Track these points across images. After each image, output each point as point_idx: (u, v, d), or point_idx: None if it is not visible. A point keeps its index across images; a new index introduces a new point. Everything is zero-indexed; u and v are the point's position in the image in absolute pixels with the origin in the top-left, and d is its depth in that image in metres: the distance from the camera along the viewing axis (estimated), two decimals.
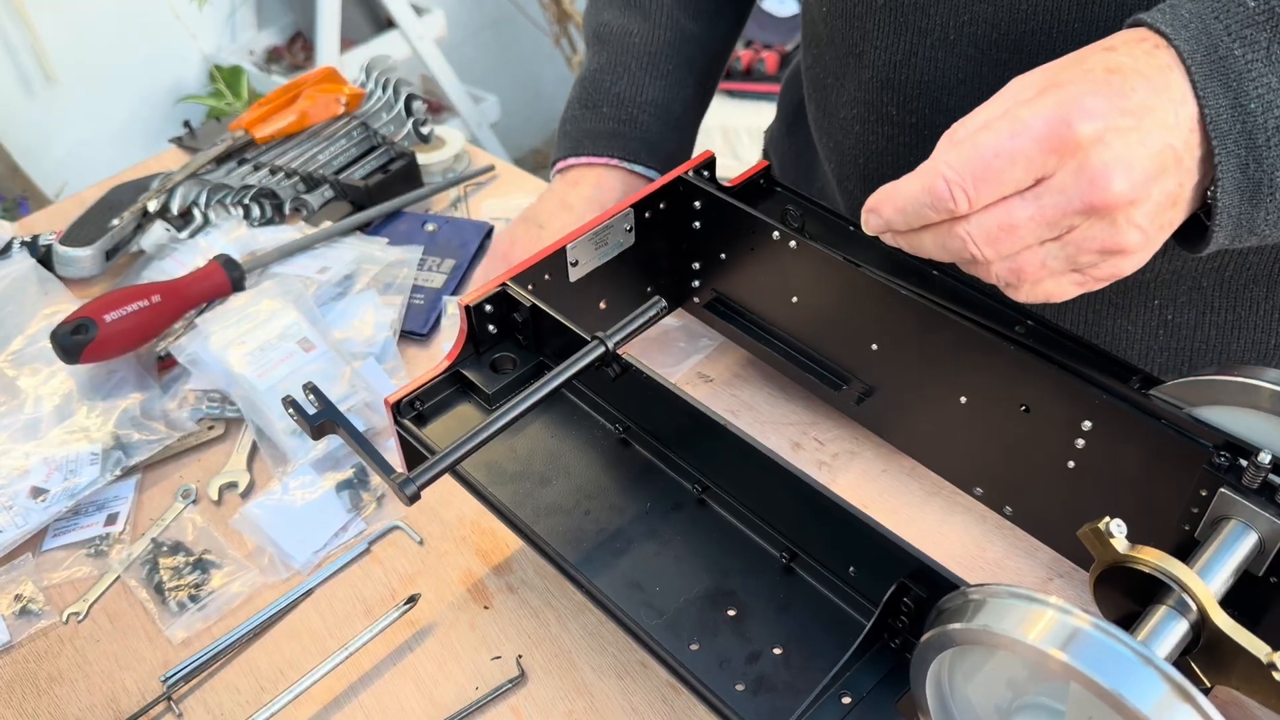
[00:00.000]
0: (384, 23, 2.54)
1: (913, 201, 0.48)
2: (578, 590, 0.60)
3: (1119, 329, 0.72)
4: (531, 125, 2.99)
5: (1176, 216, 0.48)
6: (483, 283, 0.67)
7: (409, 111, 1.11)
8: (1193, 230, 0.50)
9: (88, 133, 2.22)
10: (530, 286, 0.68)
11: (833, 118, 0.78)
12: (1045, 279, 0.49)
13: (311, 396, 0.57)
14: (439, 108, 2.60)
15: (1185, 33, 0.46)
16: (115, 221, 1.00)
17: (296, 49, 2.52)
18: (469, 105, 2.57)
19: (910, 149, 0.71)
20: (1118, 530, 0.50)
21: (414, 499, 0.53)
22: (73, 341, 0.83)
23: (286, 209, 1.05)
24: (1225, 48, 0.45)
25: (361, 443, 0.55)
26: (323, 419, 0.56)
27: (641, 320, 0.61)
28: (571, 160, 0.83)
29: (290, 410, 0.56)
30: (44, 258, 1.01)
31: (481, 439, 0.55)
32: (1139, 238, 0.47)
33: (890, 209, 0.50)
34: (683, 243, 0.78)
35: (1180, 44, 0.46)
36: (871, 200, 0.51)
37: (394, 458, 0.69)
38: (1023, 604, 0.43)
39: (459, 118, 2.57)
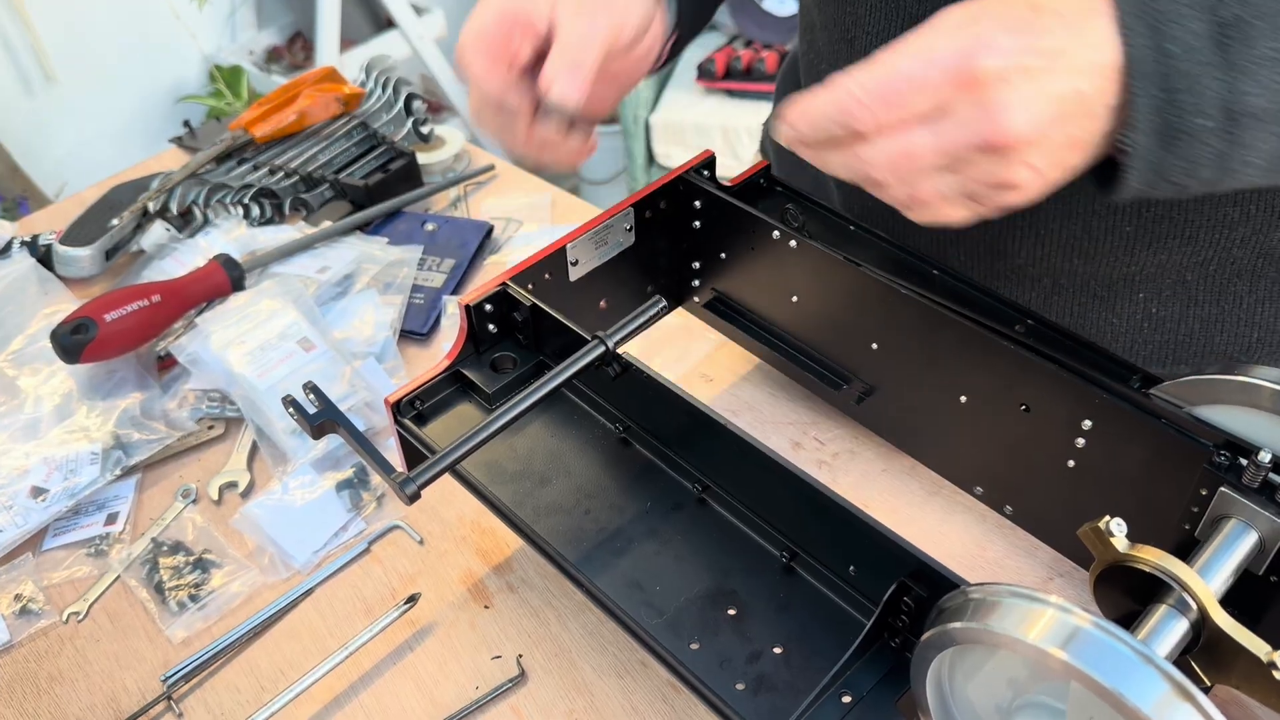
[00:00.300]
0: (384, 22, 2.54)
1: (822, 116, 0.49)
2: (578, 590, 0.60)
3: (1104, 322, 0.72)
4: None
5: (1077, 159, 0.48)
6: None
7: (409, 111, 1.11)
8: (1108, 174, 0.50)
9: (88, 132, 2.23)
10: (530, 286, 0.68)
11: None
12: (941, 205, 0.50)
13: (311, 396, 0.57)
14: (439, 107, 2.60)
15: None
16: (115, 221, 1.00)
17: (296, 49, 2.53)
18: (468, 105, 2.57)
19: None
20: (1118, 529, 0.50)
21: (414, 498, 0.53)
22: (73, 341, 0.83)
23: (286, 208, 1.05)
24: None
25: (361, 442, 0.55)
26: (323, 418, 0.56)
27: (641, 320, 0.61)
28: None
29: (290, 410, 0.56)
30: (44, 257, 1.01)
31: (481, 438, 0.55)
32: (1031, 176, 0.47)
33: (802, 121, 0.50)
34: (683, 242, 0.78)
35: None
36: (785, 110, 0.51)
37: (394, 457, 0.69)
38: (1023, 603, 0.43)
39: (459, 117, 2.57)
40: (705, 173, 0.75)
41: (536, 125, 0.64)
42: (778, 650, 0.54)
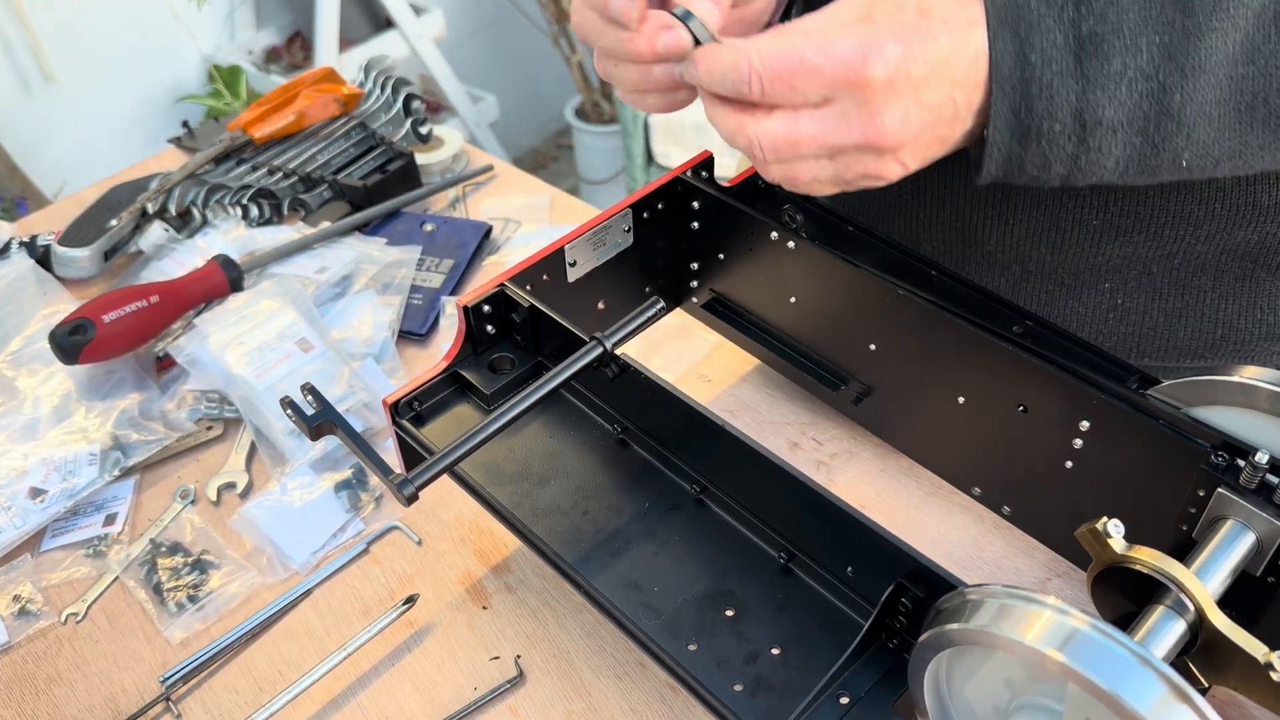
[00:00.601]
0: (383, 22, 2.54)
1: (720, 72, 0.51)
2: (576, 591, 0.60)
3: (1070, 310, 0.73)
4: (530, 125, 3.00)
5: (941, 153, 0.52)
6: None
7: (408, 111, 1.11)
8: (972, 156, 0.54)
9: (86, 132, 2.22)
10: (528, 287, 0.68)
11: None
12: (812, 185, 0.53)
13: (309, 397, 0.57)
14: (438, 107, 2.60)
15: None
16: (114, 222, 1.00)
17: (295, 48, 2.52)
18: (468, 105, 2.57)
19: None
20: (1115, 530, 0.50)
21: (412, 500, 0.53)
22: (71, 342, 0.83)
23: (285, 209, 1.05)
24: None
25: (359, 443, 0.55)
26: (321, 420, 0.56)
27: (640, 320, 0.61)
28: None
29: (288, 411, 0.56)
30: (43, 258, 1.01)
31: (479, 440, 0.55)
32: (900, 170, 0.51)
33: (704, 68, 0.52)
34: (681, 243, 0.78)
35: None
36: (697, 52, 0.53)
37: (392, 458, 0.69)
38: (1020, 604, 0.43)
39: (458, 117, 2.57)
40: (704, 173, 0.75)
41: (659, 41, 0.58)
42: (775, 651, 0.54)
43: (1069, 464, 0.62)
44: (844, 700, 0.51)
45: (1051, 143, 0.50)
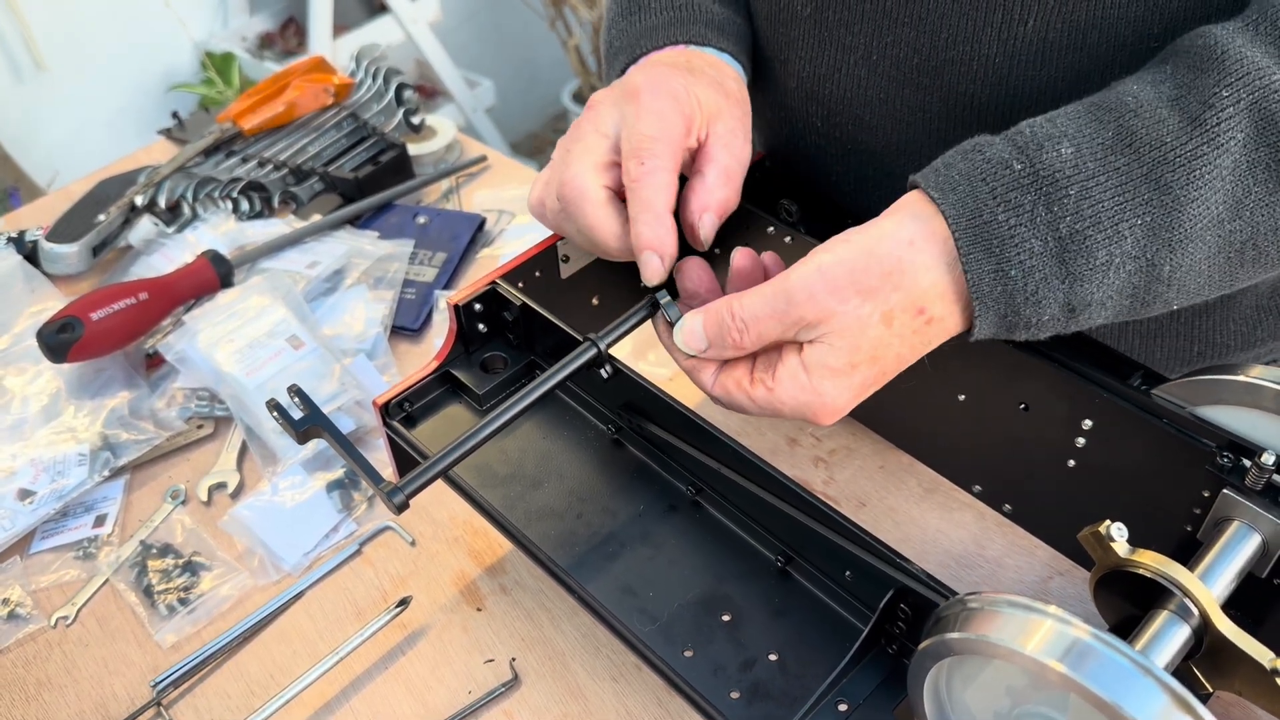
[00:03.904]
0: (377, 7, 2.51)
1: (681, 361, 0.56)
2: (571, 595, 0.59)
3: None
4: (527, 110, 2.97)
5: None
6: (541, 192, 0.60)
7: (400, 101, 1.10)
8: None
9: (79, 121, 2.21)
10: (520, 284, 0.67)
11: (759, 117, 0.77)
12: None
13: (296, 399, 0.56)
14: (434, 92, 2.58)
15: (953, 196, 0.48)
16: (102, 217, 0.99)
17: (289, 34, 2.50)
18: (464, 90, 2.55)
19: (835, 160, 0.71)
20: (1118, 534, 0.49)
21: (402, 509, 0.52)
22: (59, 340, 0.82)
23: (275, 202, 1.04)
24: (990, 212, 0.47)
25: (348, 448, 0.53)
26: (308, 424, 0.55)
27: (634, 319, 0.60)
28: (632, 69, 0.65)
29: (275, 414, 0.55)
30: (30, 254, 0.99)
31: (470, 446, 0.54)
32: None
33: (677, 342, 0.55)
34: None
35: (946, 209, 0.48)
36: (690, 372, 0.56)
37: (384, 459, 0.68)
38: (1021, 613, 0.42)
39: (454, 102, 2.55)
40: None
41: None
42: (773, 657, 0.53)
43: (1071, 463, 0.61)
44: (842, 707, 0.51)
45: (1040, 329, 0.50)
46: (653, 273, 0.55)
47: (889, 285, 0.49)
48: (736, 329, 0.51)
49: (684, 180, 0.58)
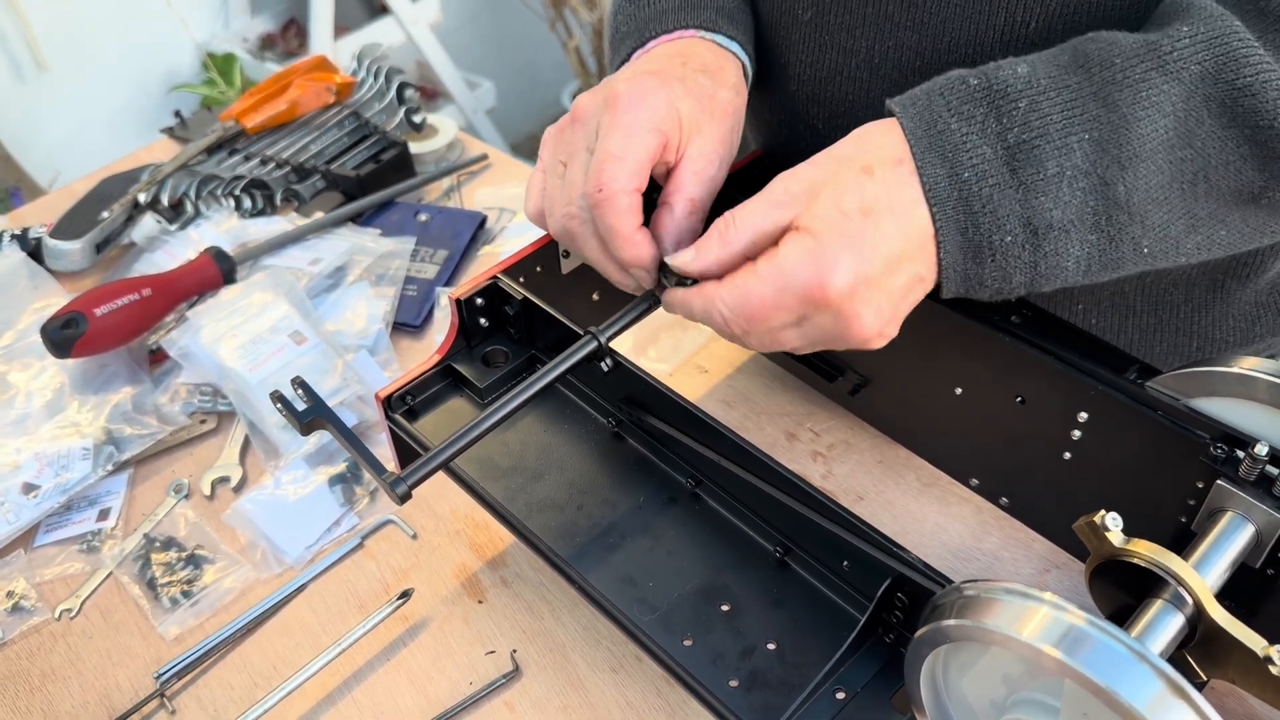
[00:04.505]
0: (378, 8, 2.52)
1: (692, 314, 0.54)
2: (571, 586, 0.59)
3: None
4: (528, 111, 2.98)
5: (910, 305, 0.53)
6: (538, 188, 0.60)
7: (401, 100, 1.10)
8: None
9: (80, 121, 2.21)
10: (521, 279, 0.67)
11: (759, 117, 0.78)
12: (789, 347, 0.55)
13: (300, 392, 0.56)
14: (434, 94, 2.59)
15: (912, 110, 0.51)
16: (105, 214, 1.00)
17: (290, 35, 2.51)
18: (464, 91, 2.55)
19: None
20: (1113, 524, 0.50)
21: (405, 499, 0.52)
22: (63, 336, 0.83)
23: (278, 200, 1.04)
24: (944, 123, 0.50)
25: (351, 440, 0.54)
26: (312, 416, 0.55)
27: (634, 313, 0.60)
28: (639, 54, 0.65)
29: (279, 406, 0.56)
30: (34, 251, 1.00)
31: (472, 438, 0.54)
32: (885, 341, 0.53)
33: (679, 307, 0.55)
34: None
35: (905, 121, 0.50)
36: (667, 297, 0.56)
37: (386, 452, 0.69)
38: (1017, 600, 0.42)
39: (454, 104, 2.55)
40: None
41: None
42: (771, 646, 0.54)
43: (1067, 455, 0.61)
44: (840, 695, 0.51)
45: (1006, 255, 0.50)
46: (642, 283, 0.57)
47: (860, 148, 0.51)
48: (724, 224, 0.51)
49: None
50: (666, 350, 0.85)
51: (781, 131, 0.76)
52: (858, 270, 0.49)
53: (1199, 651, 0.49)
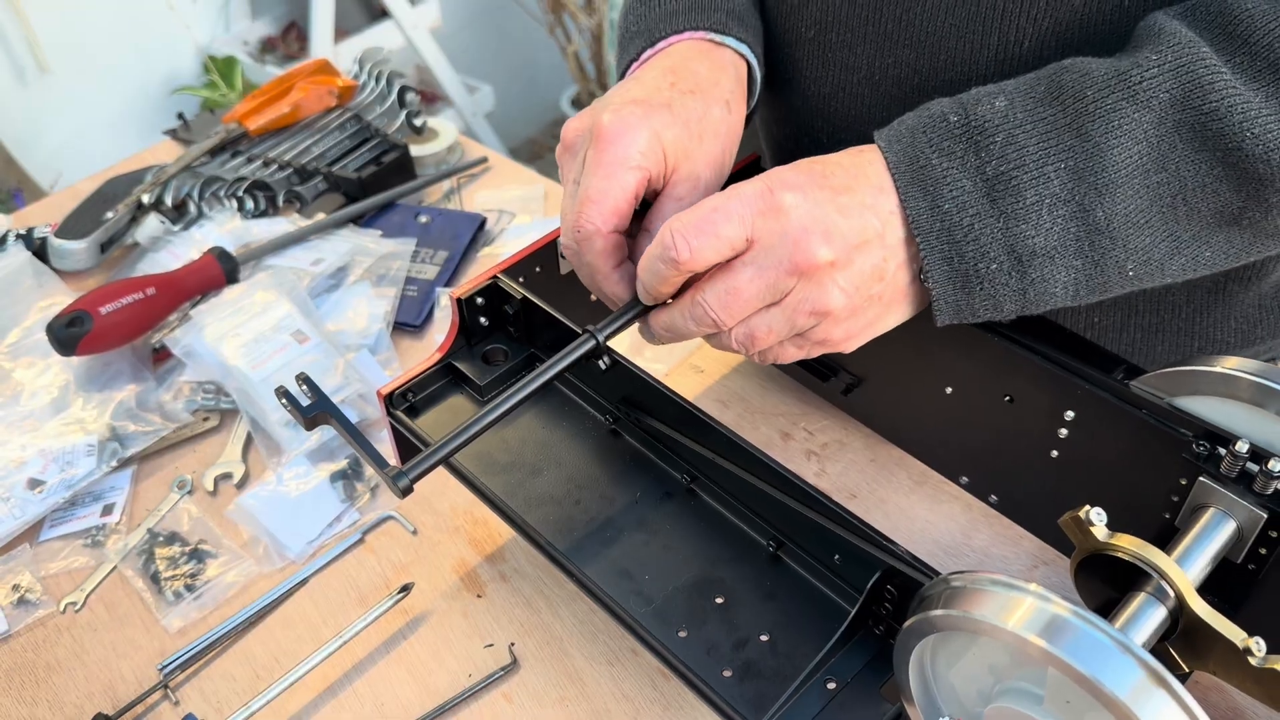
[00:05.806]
0: (378, 12, 2.54)
1: (652, 257, 0.53)
2: (569, 579, 0.61)
3: None
4: (527, 115, 2.99)
5: (885, 292, 0.54)
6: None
7: (402, 103, 1.12)
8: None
9: (81, 123, 2.22)
10: (521, 279, 0.68)
11: (768, 130, 0.79)
12: (772, 343, 0.54)
13: (304, 387, 0.57)
14: (433, 98, 2.60)
15: (897, 145, 0.53)
16: (110, 214, 1.01)
17: (291, 39, 2.52)
18: (463, 95, 2.57)
19: None
20: (1098, 518, 0.51)
21: (406, 492, 0.53)
22: (68, 334, 0.84)
23: (280, 201, 1.05)
24: (925, 158, 0.52)
25: (354, 435, 0.55)
26: (316, 410, 0.57)
27: (632, 313, 0.62)
28: (648, 54, 0.65)
29: (283, 401, 0.57)
30: (39, 250, 1.01)
31: (472, 433, 0.55)
32: (844, 300, 0.52)
33: (643, 270, 0.54)
34: None
35: (889, 155, 0.53)
36: (653, 318, 0.57)
37: (387, 449, 0.70)
38: (1002, 591, 0.44)
39: (453, 108, 2.57)
40: None
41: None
42: (764, 638, 0.55)
43: (1055, 453, 0.63)
44: (831, 685, 0.52)
45: (993, 283, 0.52)
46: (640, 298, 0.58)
47: (846, 171, 0.53)
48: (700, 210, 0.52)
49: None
50: (662, 351, 0.86)
51: (787, 145, 0.78)
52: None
53: (1181, 644, 0.50)
